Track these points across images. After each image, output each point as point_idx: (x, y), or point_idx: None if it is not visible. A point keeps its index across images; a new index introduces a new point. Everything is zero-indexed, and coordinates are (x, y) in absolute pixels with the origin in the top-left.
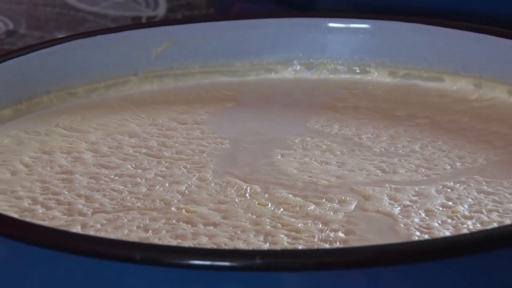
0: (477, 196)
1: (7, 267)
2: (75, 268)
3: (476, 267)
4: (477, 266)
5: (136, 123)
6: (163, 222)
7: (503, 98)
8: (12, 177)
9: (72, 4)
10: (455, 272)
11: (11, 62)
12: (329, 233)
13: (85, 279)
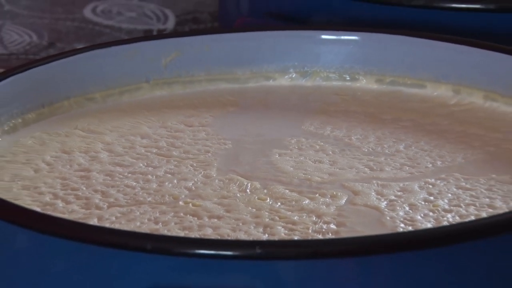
0: (456, 191)
1: (30, 257)
2: (91, 257)
3: (455, 256)
4: (456, 255)
5: (147, 126)
6: (172, 215)
7: (479, 103)
8: (35, 174)
9: (90, 18)
10: (436, 261)
11: (34, 70)
12: (322, 225)
13: (100, 267)
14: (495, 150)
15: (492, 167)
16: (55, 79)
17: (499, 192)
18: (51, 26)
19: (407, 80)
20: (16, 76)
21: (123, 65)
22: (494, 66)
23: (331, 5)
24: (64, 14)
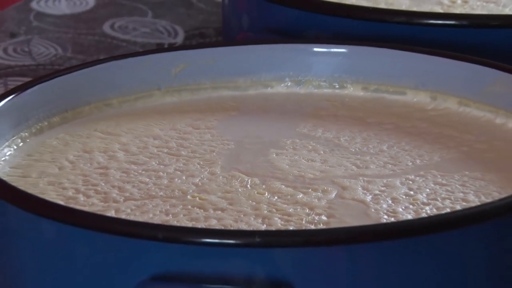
0: (433, 187)
1: (55, 245)
2: (109, 245)
3: (433, 245)
4: (433, 244)
5: (159, 128)
6: (181, 207)
7: (453, 108)
8: (59, 172)
9: (108, 33)
10: (416, 249)
11: (59, 79)
12: (314, 216)
13: (117, 254)
14: (468, 150)
15: (466, 165)
16: (77, 87)
17: (471, 188)
18: (74, 40)
19: (390, 88)
20: (42, 84)
21: (137, 75)
22: (466, 75)
23: (322, 21)
24: (86, 29)
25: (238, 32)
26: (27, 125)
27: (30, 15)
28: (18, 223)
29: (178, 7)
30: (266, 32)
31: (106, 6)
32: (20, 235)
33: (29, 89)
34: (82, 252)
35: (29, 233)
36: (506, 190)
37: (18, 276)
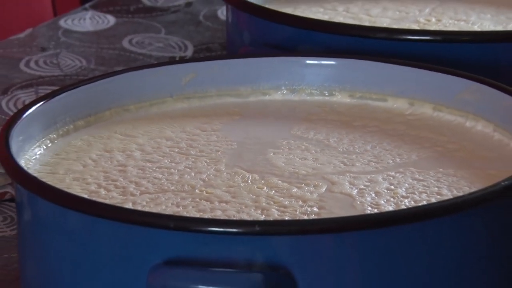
0: (411, 182)
1: (79, 234)
2: (126, 233)
3: (411, 233)
4: (411, 232)
5: (171, 130)
6: (190, 200)
7: (429, 113)
8: (83, 169)
9: (127, 48)
10: (396, 236)
11: (83, 87)
12: (307, 208)
13: (133, 241)
14: (441, 150)
15: (439, 163)
16: (99, 94)
17: (445, 183)
18: (97, 54)
19: (373, 95)
20: (69, 92)
21: (152, 84)
22: (440, 84)
23: (313, 37)
24: (107, 44)
25: (240, 47)
26: (55, 127)
27: (59, 32)
28: (47, 214)
29: (188, 25)
30: (264, 47)
31: (125, 24)
32: (49, 225)
33: (57, 96)
34: (103, 240)
35: (56, 223)
36: (475, 185)
37: (46, 261)
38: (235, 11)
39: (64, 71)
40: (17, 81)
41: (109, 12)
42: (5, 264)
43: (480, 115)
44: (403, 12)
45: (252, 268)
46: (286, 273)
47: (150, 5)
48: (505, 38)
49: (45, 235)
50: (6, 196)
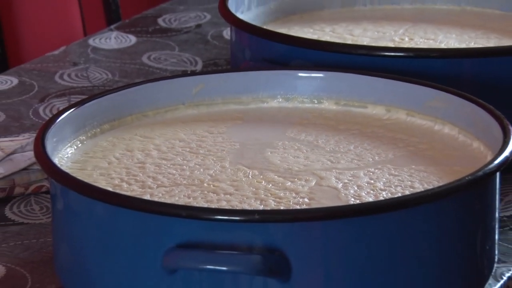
0: (388, 177)
1: (105, 221)
2: (145, 221)
3: (388, 221)
4: (388, 220)
5: (183, 133)
6: (199, 192)
7: (402, 118)
8: (108, 166)
9: (146, 63)
10: (376, 223)
11: (109, 96)
12: (299, 199)
13: (151, 227)
14: (414, 149)
15: (412, 160)
16: (122, 102)
17: (417, 177)
18: (120, 68)
19: (355, 103)
20: (96, 100)
21: (167, 93)
22: (412, 93)
23: (304, 53)
24: (129, 60)
25: (242, 62)
26: (84, 130)
27: (88, 49)
28: (77, 204)
29: (198, 44)
30: (263, 62)
31: (144, 42)
32: (78, 214)
33: (86, 103)
34: (124, 226)
35: (85, 212)
36: (443, 179)
37: (76, 244)
38: (237, 31)
39: (92, 83)
40: (52, 91)
41: (131, 32)
42: (41, 247)
43: (446, 120)
44: (381, 32)
45: (252, 251)
46: (281, 255)
47: (165, 27)
48: (467, 54)
49: (75, 223)
50: (42, 189)
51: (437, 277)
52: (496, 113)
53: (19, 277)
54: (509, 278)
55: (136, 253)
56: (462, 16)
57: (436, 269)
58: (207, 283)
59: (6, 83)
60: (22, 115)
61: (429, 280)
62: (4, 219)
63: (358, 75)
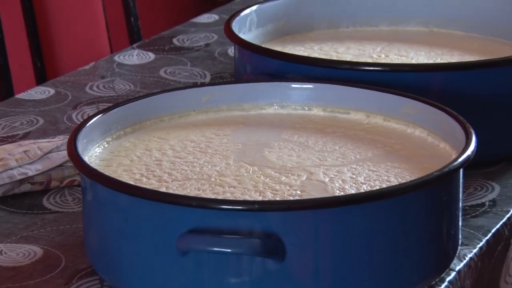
0: (368, 172)
1: (127, 211)
2: (161, 210)
3: (368, 210)
4: (368, 209)
5: (194, 135)
6: (207, 186)
7: (380, 122)
8: (130, 163)
9: (163, 76)
10: (358, 212)
11: (131, 104)
12: (292, 191)
13: (166, 215)
14: (389, 149)
15: (388, 158)
16: (142, 109)
17: (392, 173)
18: (141, 80)
19: (340, 110)
20: (120, 107)
21: (180, 101)
22: (388, 101)
23: (297, 68)
24: (148, 73)
25: (244, 75)
26: (110, 133)
27: (114, 65)
28: (104, 196)
29: (206, 60)
30: (261, 75)
31: (162, 59)
32: (105, 204)
33: (111, 110)
34: (144, 215)
35: (110, 202)
36: (414, 175)
37: (103, 230)
38: (240, 49)
39: (117, 93)
40: (83, 100)
41: (150, 50)
42: (74, 232)
43: (417, 124)
44: (361, 50)
45: (252, 235)
46: (277, 239)
47: (179, 45)
48: (434, 68)
49: (102, 211)
50: (74, 183)
51: (411, 257)
52: (460, 118)
53: (55, 257)
54: (471, 259)
55: (153, 237)
56: (430, 37)
57: (409, 251)
58: (214, 263)
59: (44, 93)
60: (57, 120)
61: (404, 260)
62: (42, 208)
63: (342, 86)
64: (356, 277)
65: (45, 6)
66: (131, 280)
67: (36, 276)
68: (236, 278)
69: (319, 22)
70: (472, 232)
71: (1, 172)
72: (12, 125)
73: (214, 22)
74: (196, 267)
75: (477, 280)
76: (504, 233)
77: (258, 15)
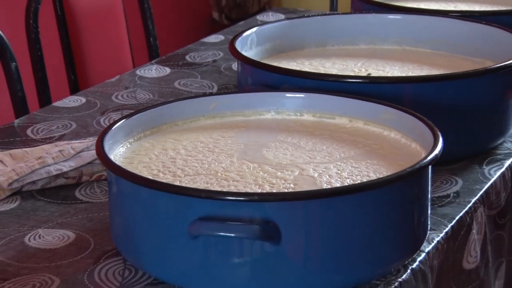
0: (351, 169)
1: (146, 201)
2: (176, 201)
3: (351, 201)
4: (352, 200)
5: (203, 137)
6: (214, 180)
7: (361, 126)
8: (149, 160)
9: (177, 87)
10: (342, 203)
11: (150, 110)
12: (287, 184)
13: (180, 205)
14: (369, 149)
15: (368, 157)
16: (159, 115)
17: (372, 169)
18: (158, 90)
19: (327, 115)
20: (141, 113)
21: (191, 108)
22: (368, 108)
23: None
24: (165, 85)
25: (245, 86)
26: (132, 135)
27: (136, 77)
28: (126, 188)
29: (214, 73)
30: (260, 86)
31: (176, 73)
32: (127, 195)
33: (133, 116)
34: (160, 205)
35: (132, 194)
36: (390, 171)
37: (125, 217)
38: (242, 64)
39: (139, 101)
40: (110, 107)
41: (166, 65)
42: (101, 219)
43: (393, 127)
44: (345, 65)
45: (253, 222)
46: (273, 225)
47: (191, 61)
48: (407, 80)
49: (125, 201)
50: (102, 177)
51: (387, 240)
52: (428, 123)
53: (85, 240)
54: (438, 242)
55: (168, 223)
56: (402, 54)
57: (386, 235)
58: (220, 245)
59: (77, 101)
60: (88, 124)
61: (381, 243)
62: (74, 199)
63: (328, 95)
64: (341, 257)
65: (78, 28)
66: (149, 260)
67: (69, 256)
68: (239, 259)
69: (309, 41)
70: (439, 219)
71: (40, 168)
72: (50, 129)
73: (220, 42)
74: (205, 249)
75: (444, 260)
76: (466, 220)
77: (258, 36)
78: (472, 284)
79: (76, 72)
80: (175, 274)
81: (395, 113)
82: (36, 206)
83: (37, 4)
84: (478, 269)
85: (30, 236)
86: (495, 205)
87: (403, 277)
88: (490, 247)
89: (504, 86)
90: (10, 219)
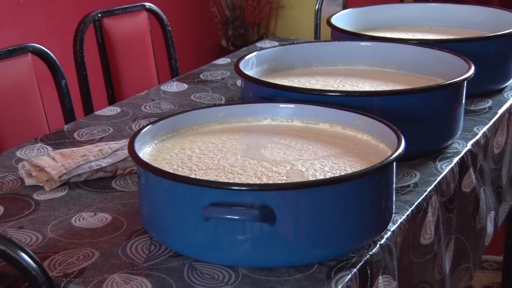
0: (332, 164)
1: (168, 191)
2: (191, 190)
3: (332, 191)
4: (332, 190)
5: (213, 139)
6: (222, 173)
7: (340, 130)
8: (170, 158)
9: (193, 99)
10: (325, 192)
11: (171, 117)
12: (281, 177)
13: (195, 193)
14: (346, 149)
15: (346, 155)
16: (179, 121)
17: (348, 165)
18: (178, 102)
19: (312, 122)
20: (164, 120)
21: (204, 116)
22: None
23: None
24: (183, 98)
25: (247, 98)
26: (157, 137)
27: (160, 92)
28: (152, 180)
29: (222, 88)
30: (259, 98)
31: (192, 88)
32: (152, 186)
33: (158, 122)
34: (179, 194)
35: (156, 185)
36: (363, 166)
37: (151, 203)
38: (245, 81)
39: (162, 110)
40: (140, 115)
41: (184, 82)
42: (133, 205)
43: (365, 131)
44: (326, 82)
45: (253, 207)
46: (270, 210)
47: (204, 79)
48: (376, 94)
49: (151, 191)
50: (133, 171)
51: (360, 221)
52: (393, 127)
53: (119, 222)
54: (401, 223)
55: (186, 208)
56: (372, 73)
57: (360, 217)
58: (227, 225)
59: (113, 111)
60: (122, 129)
61: (356, 223)
62: (111, 188)
63: (313, 105)
64: (324, 235)
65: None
66: (170, 237)
67: (107, 234)
68: (242, 236)
69: (297, 63)
70: (402, 205)
71: (84, 164)
72: (91, 132)
73: (227, 63)
74: (215, 229)
75: (405, 237)
76: (423, 205)
77: (257, 58)
78: (428, 256)
79: (113, 88)
80: (191, 248)
81: (366, 120)
82: (80, 194)
83: (83, 34)
84: (433, 244)
85: (75, 218)
86: (446, 193)
87: (373, 251)
88: (442, 227)
89: (452, 98)
90: (60, 204)
